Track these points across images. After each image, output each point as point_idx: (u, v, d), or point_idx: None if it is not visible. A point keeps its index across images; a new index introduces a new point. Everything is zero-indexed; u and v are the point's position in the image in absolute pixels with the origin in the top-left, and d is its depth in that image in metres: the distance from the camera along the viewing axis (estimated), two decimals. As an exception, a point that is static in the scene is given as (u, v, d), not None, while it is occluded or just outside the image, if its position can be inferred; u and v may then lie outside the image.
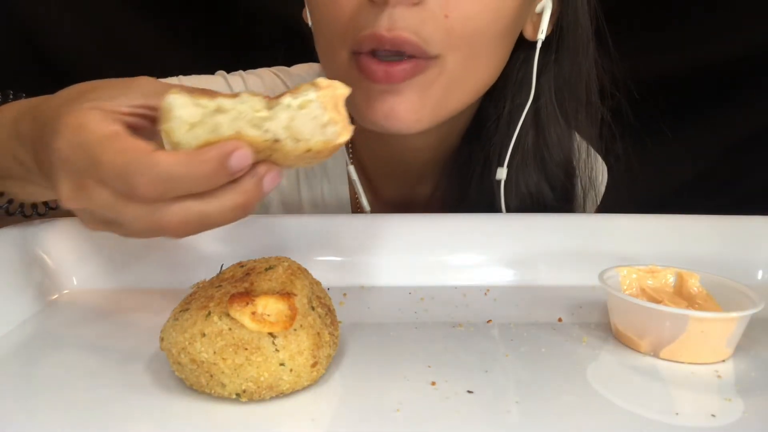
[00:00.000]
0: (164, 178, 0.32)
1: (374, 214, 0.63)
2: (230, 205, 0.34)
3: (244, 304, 0.35)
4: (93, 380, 0.38)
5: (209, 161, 0.32)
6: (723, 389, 0.38)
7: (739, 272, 0.55)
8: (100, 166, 0.33)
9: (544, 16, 0.58)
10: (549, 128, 0.64)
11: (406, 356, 0.42)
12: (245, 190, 0.34)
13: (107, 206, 0.34)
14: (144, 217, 0.33)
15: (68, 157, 0.34)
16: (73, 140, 0.34)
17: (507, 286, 0.56)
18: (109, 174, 0.32)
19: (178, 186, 0.32)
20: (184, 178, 0.32)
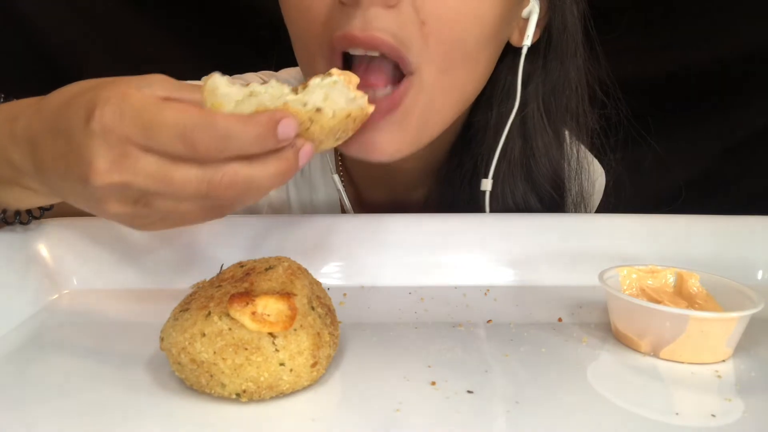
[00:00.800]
0: (223, 136, 0.33)
1: (374, 215, 0.63)
2: (273, 171, 0.36)
3: (244, 304, 0.35)
4: (93, 380, 0.38)
5: (261, 124, 0.34)
6: (723, 389, 0.38)
7: (739, 272, 0.55)
8: (156, 127, 0.34)
9: (530, 22, 0.56)
10: (536, 138, 0.62)
11: (406, 356, 0.42)
12: (287, 157, 0.36)
13: (152, 173, 0.35)
14: (195, 179, 0.35)
15: (111, 126, 0.34)
16: (120, 108, 0.34)
17: (507, 286, 0.56)
18: (168, 133, 0.34)
19: (233, 145, 0.34)
20: (239, 137, 0.34)
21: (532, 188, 0.64)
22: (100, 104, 0.34)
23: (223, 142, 0.34)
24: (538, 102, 0.61)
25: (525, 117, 0.62)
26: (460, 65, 0.51)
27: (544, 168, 0.63)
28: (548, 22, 0.59)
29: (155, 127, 0.34)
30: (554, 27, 0.59)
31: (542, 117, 0.62)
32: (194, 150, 0.34)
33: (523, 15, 0.57)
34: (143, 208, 0.37)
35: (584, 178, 0.68)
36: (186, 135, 0.33)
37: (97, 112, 0.34)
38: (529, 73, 0.60)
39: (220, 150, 0.34)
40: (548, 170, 0.64)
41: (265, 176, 0.36)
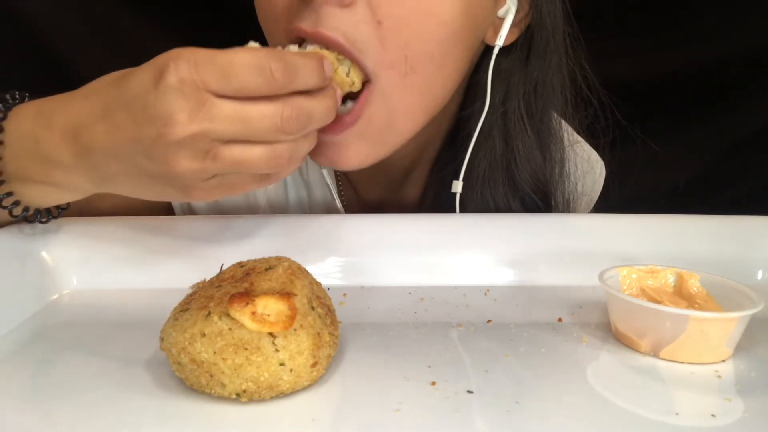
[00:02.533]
0: (293, 66, 0.38)
1: (374, 215, 0.63)
2: (326, 104, 0.41)
3: (244, 304, 0.35)
4: (93, 380, 0.38)
5: (314, 58, 0.40)
6: (723, 389, 0.38)
7: (739, 272, 0.55)
8: (233, 67, 0.37)
9: (506, 22, 0.56)
10: (517, 139, 0.61)
11: (406, 356, 0.42)
12: (332, 95, 0.42)
13: (230, 115, 0.38)
14: (270, 113, 0.38)
15: (188, 76, 0.37)
16: (194, 59, 0.37)
17: (507, 286, 0.56)
18: (246, 69, 0.37)
19: (300, 75, 0.39)
20: (303, 68, 0.39)
21: (514, 192, 0.63)
22: (172, 61, 0.37)
23: (294, 71, 0.38)
24: (519, 103, 0.61)
25: (506, 118, 0.61)
26: (423, 67, 0.50)
27: (525, 172, 0.62)
28: (530, 23, 0.59)
29: (233, 66, 0.37)
30: (535, 26, 0.58)
31: (523, 118, 0.61)
32: (272, 79, 0.37)
33: (500, 15, 0.56)
34: (212, 163, 0.39)
35: (570, 182, 0.67)
36: (264, 66, 0.37)
37: (171, 66, 0.37)
38: (509, 73, 0.60)
39: (291, 79, 0.38)
40: (529, 174, 0.63)
41: (321, 109, 0.41)
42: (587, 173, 0.73)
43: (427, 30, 0.49)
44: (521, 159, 0.62)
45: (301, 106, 0.39)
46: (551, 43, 0.59)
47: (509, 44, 0.58)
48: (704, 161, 1.23)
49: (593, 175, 0.74)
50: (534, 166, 0.63)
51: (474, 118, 0.60)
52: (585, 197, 0.73)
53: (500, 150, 0.62)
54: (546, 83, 0.61)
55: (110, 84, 0.41)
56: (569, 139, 0.67)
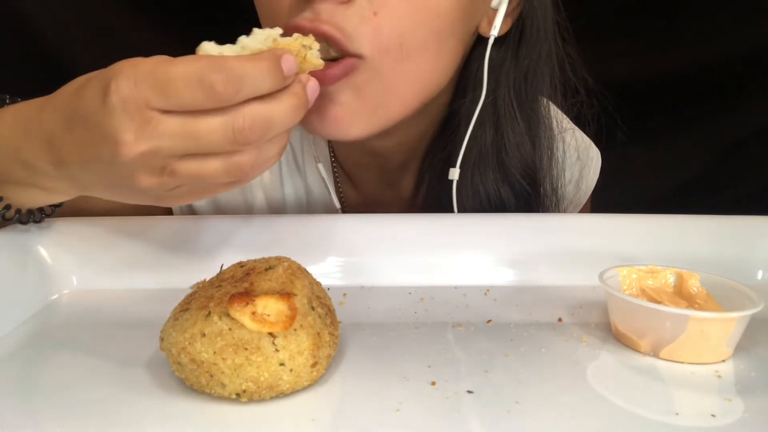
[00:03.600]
0: (238, 76, 0.35)
1: (374, 215, 0.63)
2: (288, 106, 0.38)
3: (244, 304, 0.35)
4: (93, 380, 0.38)
5: (267, 59, 0.36)
6: (723, 389, 0.38)
7: (739, 272, 0.55)
8: (171, 82, 0.34)
9: (499, 13, 0.56)
10: (507, 127, 0.62)
11: (406, 356, 0.42)
12: (296, 92, 0.38)
13: (177, 132, 0.36)
14: (220, 127, 0.36)
15: (128, 95, 0.35)
16: (133, 75, 0.35)
17: (507, 286, 0.56)
18: (184, 83, 0.34)
19: (248, 83, 0.35)
20: (252, 73, 0.35)
21: (504, 178, 0.64)
22: (113, 78, 0.35)
23: (239, 81, 0.35)
24: (509, 91, 0.62)
25: (497, 106, 0.62)
26: (418, 55, 0.51)
27: (515, 159, 0.63)
28: (521, 12, 0.59)
29: (171, 81, 0.35)
30: (526, 16, 0.59)
31: (513, 106, 0.62)
32: (213, 93, 0.35)
33: (493, 5, 0.57)
34: (170, 178, 0.38)
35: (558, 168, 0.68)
36: (203, 79, 0.34)
37: (112, 86, 0.35)
38: (500, 62, 0.60)
39: (237, 89, 0.35)
40: (519, 161, 0.64)
41: (282, 112, 0.37)
42: (576, 161, 0.74)
43: (423, 21, 0.50)
44: (511, 145, 0.63)
45: (256, 113, 0.36)
46: (541, 32, 0.60)
47: (502, 35, 0.59)
48: (704, 161, 1.23)
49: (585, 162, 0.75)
50: (523, 153, 0.64)
51: (466, 108, 0.61)
52: (573, 182, 0.74)
53: (490, 137, 0.63)
54: (536, 72, 0.62)
55: (70, 96, 0.39)
56: (558, 126, 0.68)
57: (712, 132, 1.22)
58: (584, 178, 0.76)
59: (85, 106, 0.37)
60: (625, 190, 0.94)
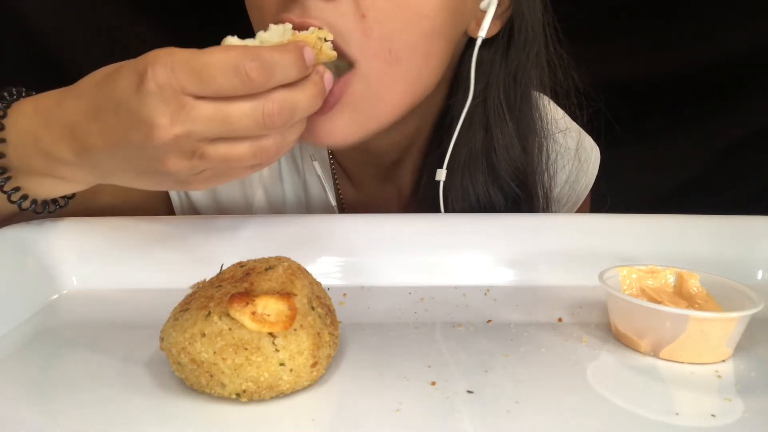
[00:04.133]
0: (269, 63, 0.38)
1: (374, 215, 0.63)
2: (310, 93, 0.41)
3: (244, 304, 0.35)
4: (93, 380, 0.38)
5: (292, 50, 0.39)
6: (723, 389, 0.38)
7: (739, 272, 0.55)
8: (208, 69, 0.37)
9: (487, 15, 0.56)
10: (496, 130, 0.62)
11: (406, 356, 0.42)
12: (315, 82, 0.42)
13: (211, 116, 0.38)
14: (250, 111, 0.38)
15: (165, 81, 0.37)
16: (170, 63, 0.37)
17: (507, 286, 0.56)
18: (221, 71, 0.37)
19: (278, 71, 0.38)
20: (282, 63, 0.38)
21: (494, 180, 0.64)
22: (150, 65, 0.37)
23: (270, 69, 0.38)
24: (498, 93, 0.62)
25: (486, 108, 0.62)
26: (407, 58, 0.51)
27: (504, 161, 0.63)
28: (511, 14, 0.59)
29: (208, 68, 0.37)
30: (516, 18, 0.59)
31: (502, 107, 0.62)
32: (249, 79, 0.37)
33: (482, 7, 0.57)
34: (199, 161, 0.40)
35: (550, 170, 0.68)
36: (239, 67, 0.37)
37: (149, 73, 0.37)
38: (489, 64, 0.61)
39: (269, 76, 0.38)
40: (509, 164, 0.64)
41: (305, 99, 0.41)
42: (572, 160, 0.74)
43: (411, 23, 0.50)
44: (500, 147, 0.63)
45: (283, 99, 0.39)
46: (530, 34, 0.61)
47: (491, 36, 0.59)
48: (704, 161, 1.23)
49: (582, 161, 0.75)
50: (513, 155, 0.64)
51: (457, 108, 0.62)
52: (567, 185, 0.74)
53: (480, 139, 0.63)
54: (525, 73, 0.62)
55: (98, 84, 0.41)
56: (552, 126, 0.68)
57: (712, 132, 1.22)
58: (581, 177, 0.76)
59: (118, 91, 0.39)
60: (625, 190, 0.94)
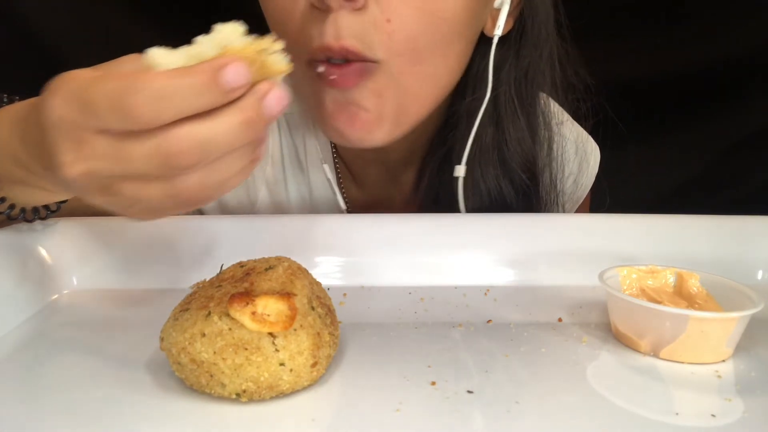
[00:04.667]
0: (159, 95, 0.30)
1: (374, 214, 0.63)
2: (231, 124, 0.32)
3: (244, 304, 0.35)
4: (93, 380, 0.38)
5: (201, 72, 0.31)
6: (723, 389, 0.38)
7: (739, 272, 0.55)
8: (93, 105, 0.31)
9: (502, 13, 0.58)
10: (508, 124, 0.64)
11: (406, 356, 0.42)
12: (244, 107, 0.32)
13: (109, 154, 0.32)
14: (152, 152, 0.32)
15: (62, 114, 0.32)
16: (65, 93, 0.32)
17: (507, 286, 0.56)
18: (104, 108, 0.31)
19: (173, 102, 0.31)
20: (178, 91, 0.30)
21: (505, 174, 0.65)
22: (48, 96, 0.33)
23: (159, 102, 0.30)
24: (509, 89, 0.63)
25: (497, 104, 0.63)
26: (430, 57, 0.53)
27: (516, 154, 0.65)
28: (521, 11, 0.61)
29: (90, 104, 0.31)
30: (527, 15, 0.61)
31: (514, 103, 0.63)
32: (130, 118, 0.30)
33: (496, 5, 0.58)
34: (114, 197, 0.34)
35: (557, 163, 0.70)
36: (118, 104, 0.30)
37: (47, 104, 0.33)
38: (501, 61, 0.62)
39: (158, 111, 0.30)
40: (520, 156, 0.65)
41: (223, 131, 0.32)
42: (575, 155, 0.75)
43: (433, 26, 0.51)
44: (512, 141, 0.64)
45: (189, 136, 0.31)
46: (542, 30, 0.62)
47: (504, 34, 0.60)
48: (704, 161, 1.23)
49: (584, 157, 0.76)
50: (524, 147, 0.65)
51: (467, 105, 0.63)
52: (572, 177, 0.75)
53: (491, 134, 0.64)
54: (537, 70, 0.63)
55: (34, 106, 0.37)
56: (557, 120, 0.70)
57: (712, 132, 1.22)
58: (583, 172, 0.77)
59: (37, 120, 0.35)
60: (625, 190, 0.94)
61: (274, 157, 0.71)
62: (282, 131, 0.71)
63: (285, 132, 0.71)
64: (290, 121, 0.71)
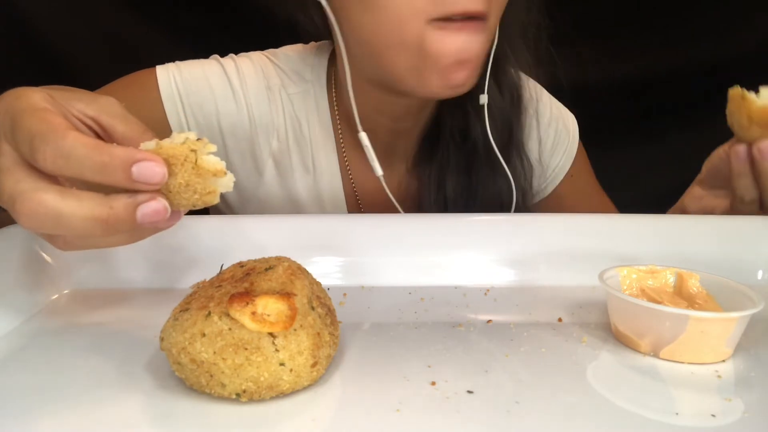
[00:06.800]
0: (65, 154, 0.33)
1: (374, 215, 0.63)
2: (87, 212, 0.33)
3: (244, 304, 0.35)
4: (93, 380, 0.38)
5: (113, 156, 0.33)
6: (723, 389, 0.38)
7: (739, 272, 0.55)
8: (18, 129, 0.35)
9: None
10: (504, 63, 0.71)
11: (406, 356, 0.42)
12: (112, 205, 0.34)
13: (2, 168, 0.35)
14: (12, 193, 0.34)
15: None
16: (8, 106, 0.36)
17: (507, 286, 0.56)
18: (22, 136, 0.34)
19: (74, 165, 0.33)
20: (81, 159, 0.33)
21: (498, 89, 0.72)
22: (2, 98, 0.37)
23: (62, 160, 0.33)
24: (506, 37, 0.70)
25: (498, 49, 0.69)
26: (501, 12, 0.60)
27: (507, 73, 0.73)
28: None
29: (17, 128, 0.35)
30: None
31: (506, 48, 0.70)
32: (35, 158, 0.33)
33: None
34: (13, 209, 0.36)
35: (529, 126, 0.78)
36: (32, 142, 0.33)
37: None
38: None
39: (58, 167, 0.33)
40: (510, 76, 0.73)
41: (76, 215, 0.33)
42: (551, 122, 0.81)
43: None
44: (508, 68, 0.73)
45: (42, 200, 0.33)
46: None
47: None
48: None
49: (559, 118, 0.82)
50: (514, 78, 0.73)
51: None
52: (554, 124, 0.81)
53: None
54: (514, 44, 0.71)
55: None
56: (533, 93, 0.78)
57: (712, 132, 1.22)
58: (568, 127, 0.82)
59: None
60: (626, 190, 0.94)
61: (279, 132, 0.73)
62: (285, 108, 0.73)
63: (289, 109, 0.73)
64: (293, 99, 0.73)
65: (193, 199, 0.36)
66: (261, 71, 0.72)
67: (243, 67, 0.72)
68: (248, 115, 0.71)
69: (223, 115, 0.70)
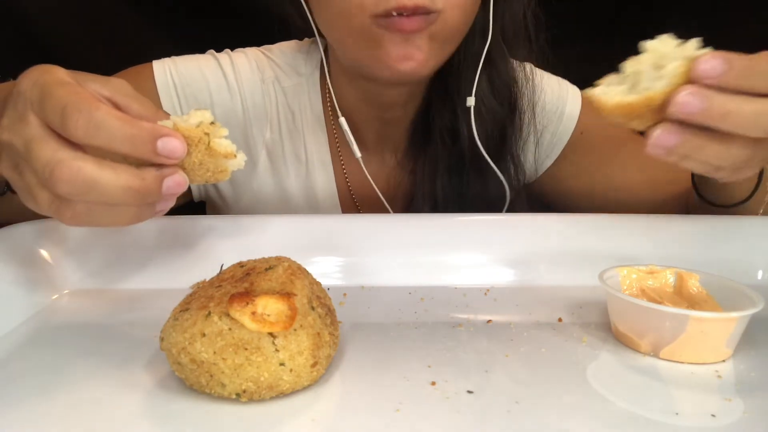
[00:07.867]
0: (97, 124, 0.35)
1: (374, 215, 0.63)
2: (123, 182, 0.36)
3: (244, 304, 0.35)
4: (93, 380, 0.38)
5: (142, 129, 0.36)
6: (723, 389, 0.38)
7: (739, 272, 0.55)
8: (48, 98, 0.36)
9: None
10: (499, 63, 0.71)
11: (406, 356, 0.42)
12: (144, 176, 0.37)
13: (28, 138, 0.36)
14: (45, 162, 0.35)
15: (24, 91, 0.37)
16: (37, 79, 0.37)
17: (507, 286, 0.56)
18: (53, 106, 0.35)
19: (104, 136, 0.35)
20: (112, 130, 0.35)
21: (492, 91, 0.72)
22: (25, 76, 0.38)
23: (94, 130, 0.35)
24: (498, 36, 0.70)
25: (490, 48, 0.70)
26: (469, 8, 0.61)
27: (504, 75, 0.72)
28: None
29: (47, 98, 0.36)
30: None
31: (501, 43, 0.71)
32: (66, 126, 0.35)
33: None
34: (18, 178, 0.38)
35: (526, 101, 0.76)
36: (65, 111, 0.35)
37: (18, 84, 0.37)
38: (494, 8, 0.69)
39: (89, 136, 0.35)
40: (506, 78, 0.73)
41: (112, 184, 0.35)
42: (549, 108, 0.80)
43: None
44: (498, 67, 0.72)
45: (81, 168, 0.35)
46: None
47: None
48: None
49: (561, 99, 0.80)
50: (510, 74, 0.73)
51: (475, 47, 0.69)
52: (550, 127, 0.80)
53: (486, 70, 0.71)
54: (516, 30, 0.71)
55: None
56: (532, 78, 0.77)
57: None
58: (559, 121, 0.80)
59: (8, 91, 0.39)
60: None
61: (272, 123, 0.74)
62: (279, 100, 0.74)
63: (282, 101, 0.74)
64: (287, 92, 0.74)
65: (206, 176, 0.39)
66: (255, 64, 0.74)
67: (237, 60, 0.73)
68: (242, 105, 0.72)
69: (217, 105, 0.71)
